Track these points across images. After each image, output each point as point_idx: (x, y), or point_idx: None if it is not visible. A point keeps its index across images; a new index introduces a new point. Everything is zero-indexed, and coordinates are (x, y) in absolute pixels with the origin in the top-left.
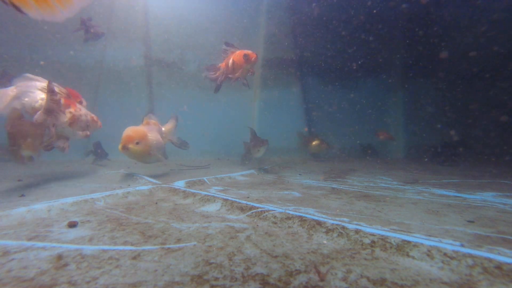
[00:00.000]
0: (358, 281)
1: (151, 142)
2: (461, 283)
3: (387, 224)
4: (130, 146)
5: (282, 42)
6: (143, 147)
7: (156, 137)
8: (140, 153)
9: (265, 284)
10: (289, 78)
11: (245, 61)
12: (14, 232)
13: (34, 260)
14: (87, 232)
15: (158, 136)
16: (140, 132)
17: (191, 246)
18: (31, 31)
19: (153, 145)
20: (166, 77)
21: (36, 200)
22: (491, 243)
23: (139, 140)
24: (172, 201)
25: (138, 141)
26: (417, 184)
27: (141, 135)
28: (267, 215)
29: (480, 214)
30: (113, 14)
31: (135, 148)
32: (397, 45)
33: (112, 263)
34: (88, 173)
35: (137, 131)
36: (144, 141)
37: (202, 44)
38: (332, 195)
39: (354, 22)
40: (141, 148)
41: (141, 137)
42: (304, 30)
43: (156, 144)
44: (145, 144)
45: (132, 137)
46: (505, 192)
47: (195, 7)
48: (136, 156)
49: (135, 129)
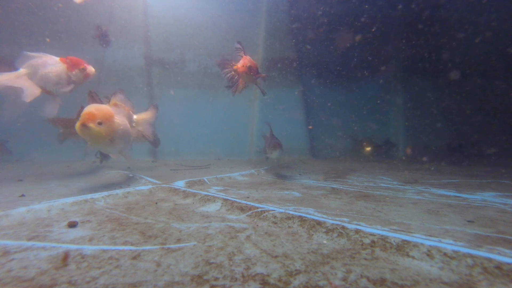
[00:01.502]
0: (358, 281)
1: (116, 127)
2: (461, 283)
3: (387, 224)
4: (91, 126)
5: (282, 42)
6: (106, 130)
7: (124, 123)
8: (100, 136)
9: (265, 284)
10: (289, 78)
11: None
12: (14, 232)
13: (34, 260)
14: (87, 232)
15: (126, 122)
16: (105, 112)
17: (191, 246)
18: (30, 31)
19: (118, 131)
20: (166, 77)
21: (36, 200)
22: (491, 243)
23: (103, 121)
24: (172, 201)
25: (101, 121)
26: (417, 184)
27: (106, 115)
28: (267, 215)
29: (480, 214)
30: (113, 14)
31: (96, 129)
32: (397, 45)
33: (112, 263)
34: (88, 173)
35: (102, 109)
36: (109, 124)
37: (202, 44)
38: (332, 195)
39: (354, 22)
40: (103, 131)
41: (105, 117)
42: (304, 30)
43: (123, 132)
44: (109, 127)
45: (95, 115)
46: (505, 192)
47: (195, 7)
48: (95, 139)
49: (99, 107)
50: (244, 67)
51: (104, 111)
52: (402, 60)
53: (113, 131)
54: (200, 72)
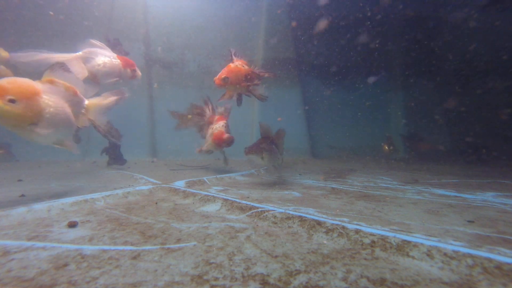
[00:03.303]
0: (358, 281)
1: (42, 108)
2: (461, 283)
3: (387, 224)
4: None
5: (282, 42)
6: (22, 110)
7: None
8: (12, 118)
9: (265, 284)
10: (289, 78)
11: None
12: (14, 232)
13: (34, 260)
14: (87, 232)
15: (64, 105)
16: (23, 86)
17: (191, 246)
18: (30, 31)
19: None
20: (166, 77)
21: (36, 200)
22: (491, 243)
23: (17, 97)
24: (172, 201)
25: (13, 98)
26: (417, 184)
27: (24, 91)
28: (267, 215)
29: (480, 214)
30: (113, 14)
31: (5, 108)
32: (397, 44)
33: (112, 263)
34: (88, 173)
35: (17, 83)
36: (26, 102)
37: (202, 44)
38: (332, 195)
39: (354, 22)
40: (15, 111)
41: (22, 93)
42: (304, 30)
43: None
44: (28, 108)
45: (5, 89)
46: (505, 192)
47: (195, 7)
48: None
49: (14, 80)
50: (218, 79)
51: (22, 85)
52: (403, 60)
53: (35, 114)
54: (200, 72)
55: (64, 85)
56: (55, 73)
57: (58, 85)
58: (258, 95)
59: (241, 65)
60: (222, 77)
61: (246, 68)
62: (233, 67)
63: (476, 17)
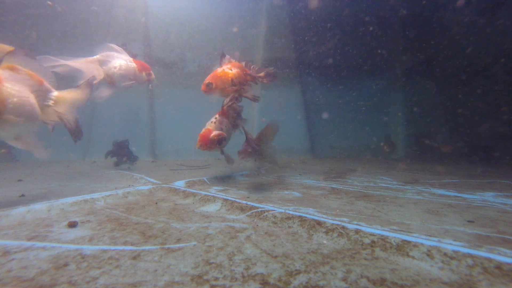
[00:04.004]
0: (358, 281)
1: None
2: (461, 283)
3: (387, 224)
4: None
5: (282, 42)
6: None
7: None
8: None
9: (265, 284)
10: (289, 78)
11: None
12: (14, 232)
13: (34, 260)
14: (87, 232)
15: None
16: None
17: (191, 246)
18: (30, 32)
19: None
20: (166, 77)
21: (36, 200)
22: (491, 243)
23: None
24: (172, 201)
25: None
26: (417, 184)
27: None
28: (267, 215)
29: (480, 214)
30: (113, 14)
31: None
32: (397, 44)
33: (112, 263)
34: (88, 173)
35: None
36: None
37: (202, 44)
38: (332, 195)
39: (353, 22)
40: None
41: None
42: (303, 30)
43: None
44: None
45: None
46: (505, 192)
47: (195, 7)
48: None
49: None
50: (203, 85)
51: None
52: (403, 59)
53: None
54: (200, 72)
55: (28, 73)
56: (16, 59)
57: (21, 73)
58: (251, 96)
59: (230, 68)
60: (206, 82)
61: (235, 72)
62: (220, 72)
63: (476, 17)
